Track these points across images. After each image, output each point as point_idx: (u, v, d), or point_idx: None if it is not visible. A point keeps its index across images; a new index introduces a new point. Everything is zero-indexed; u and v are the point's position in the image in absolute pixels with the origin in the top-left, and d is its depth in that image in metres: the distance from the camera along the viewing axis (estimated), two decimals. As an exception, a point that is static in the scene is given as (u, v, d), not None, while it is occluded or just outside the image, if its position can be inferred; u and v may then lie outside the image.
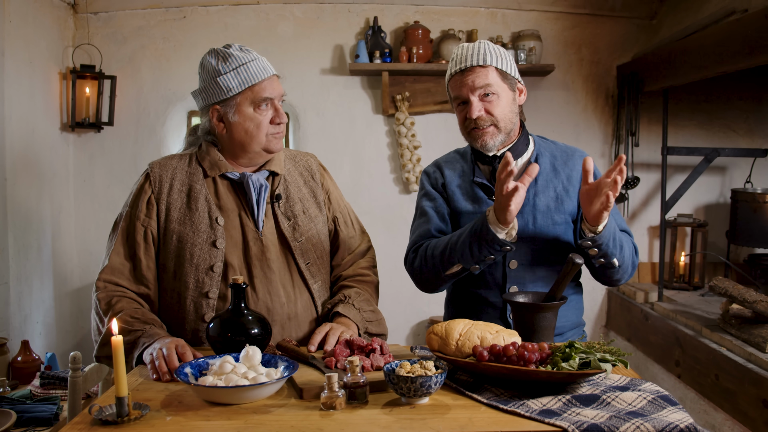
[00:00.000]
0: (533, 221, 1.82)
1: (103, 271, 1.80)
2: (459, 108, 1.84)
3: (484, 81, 1.77)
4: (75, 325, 3.85)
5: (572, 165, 1.87)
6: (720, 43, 2.89)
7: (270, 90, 1.81)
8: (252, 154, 1.84)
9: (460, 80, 1.80)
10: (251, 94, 1.79)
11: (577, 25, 3.99)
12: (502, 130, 1.81)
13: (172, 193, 1.83)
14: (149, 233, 1.81)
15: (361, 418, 1.26)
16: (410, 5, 3.93)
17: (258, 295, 1.81)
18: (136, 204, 1.83)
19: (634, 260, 1.85)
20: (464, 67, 1.78)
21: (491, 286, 1.86)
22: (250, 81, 1.78)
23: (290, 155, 2.01)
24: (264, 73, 1.80)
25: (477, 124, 1.79)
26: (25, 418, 2.39)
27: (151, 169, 1.86)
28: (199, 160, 1.87)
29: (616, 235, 1.74)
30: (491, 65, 1.79)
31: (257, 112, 1.80)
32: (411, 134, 3.89)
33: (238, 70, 1.78)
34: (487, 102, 1.79)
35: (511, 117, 1.82)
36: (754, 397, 2.54)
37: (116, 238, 1.82)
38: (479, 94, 1.78)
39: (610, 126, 4.03)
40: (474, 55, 1.78)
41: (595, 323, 4.11)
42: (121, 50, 3.85)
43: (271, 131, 1.82)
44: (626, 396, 1.32)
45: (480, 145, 1.82)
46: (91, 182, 3.89)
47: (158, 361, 1.50)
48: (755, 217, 3.56)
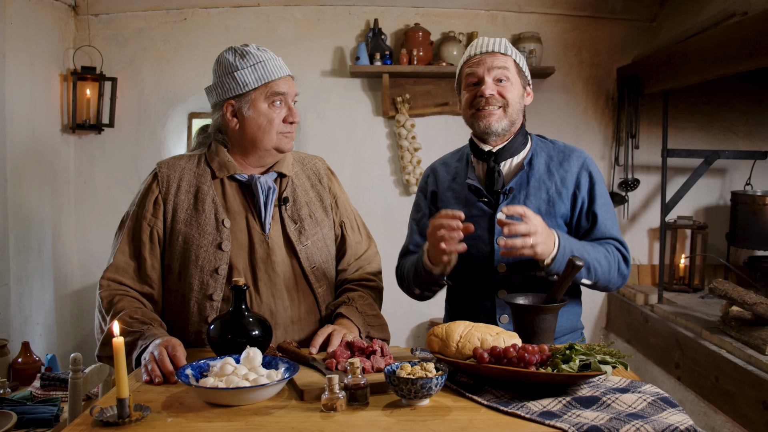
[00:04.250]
0: None
1: (107, 269, 1.80)
2: (469, 89, 1.85)
3: (503, 64, 1.82)
4: (75, 327, 3.85)
5: (567, 167, 1.86)
6: (720, 46, 2.90)
7: (285, 87, 1.83)
8: (262, 151, 1.85)
9: (478, 60, 1.83)
10: (266, 90, 1.80)
11: (578, 28, 3.99)
12: (508, 116, 1.82)
13: (180, 194, 1.83)
14: (155, 233, 1.81)
15: (361, 419, 1.26)
16: (411, 7, 3.94)
17: (262, 298, 1.81)
18: (143, 203, 1.83)
19: (622, 271, 1.82)
20: (485, 50, 1.82)
21: (481, 289, 1.87)
22: (267, 77, 1.80)
23: (298, 158, 2.01)
24: (280, 72, 1.83)
25: (488, 102, 1.80)
26: (25, 419, 2.39)
27: (159, 168, 1.87)
28: (208, 160, 1.87)
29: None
30: (511, 56, 1.84)
31: (271, 109, 1.81)
32: (411, 136, 3.89)
33: (255, 66, 1.80)
34: (501, 86, 1.82)
35: (518, 108, 1.85)
36: (754, 399, 2.54)
37: (122, 237, 1.82)
38: (495, 76, 1.81)
39: (610, 128, 4.04)
40: (497, 44, 1.84)
41: (595, 325, 4.11)
42: (121, 52, 3.86)
43: (282, 129, 1.83)
44: (626, 398, 1.32)
45: (484, 126, 1.82)
46: (91, 184, 3.89)
47: (151, 365, 1.50)
48: (755, 220, 3.56)
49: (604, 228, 1.84)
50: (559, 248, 1.68)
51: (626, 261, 1.84)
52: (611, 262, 1.79)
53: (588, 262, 1.72)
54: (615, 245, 1.83)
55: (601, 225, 1.84)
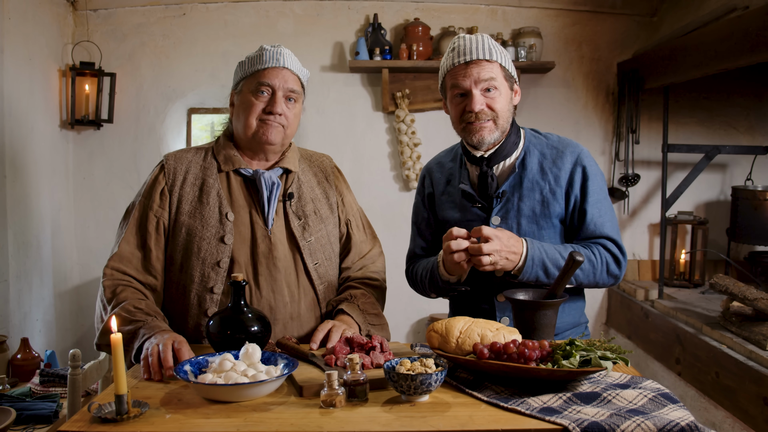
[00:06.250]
0: (517, 227, 1.80)
1: (111, 258, 1.80)
2: (456, 100, 1.79)
3: (489, 74, 1.74)
4: (75, 323, 3.85)
5: (560, 164, 1.82)
6: (721, 40, 2.89)
7: (271, 78, 1.81)
8: (249, 140, 1.85)
9: (464, 71, 1.75)
10: (253, 79, 1.83)
11: (578, 22, 3.98)
12: (499, 127, 1.78)
13: (185, 186, 1.84)
14: (161, 224, 1.82)
15: (360, 415, 1.26)
16: (410, 2, 3.92)
17: (262, 293, 1.81)
18: (149, 194, 1.84)
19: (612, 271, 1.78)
20: (469, 59, 1.74)
21: (480, 293, 1.86)
22: (256, 67, 1.83)
23: (306, 155, 2.02)
24: (271, 62, 1.82)
25: (477, 117, 1.75)
26: (24, 415, 2.39)
27: (167, 160, 1.88)
28: (215, 154, 1.89)
29: (550, 269, 1.70)
30: (497, 61, 1.76)
31: (255, 97, 1.82)
32: (411, 131, 3.88)
33: (253, 58, 1.84)
34: (489, 97, 1.76)
35: (508, 116, 1.80)
36: (755, 394, 2.53)
37: (127, 227, 1.82)
38: (482, 87, 1.75)
39: (610, 123, 4.03)
40: (480, 49, 1.75)
41: (596, 321, 4.11)
42: (120, 47, 3.85)
43: (261, 118, 1.82)
44: (627, 394, 1.32)
45: (477, 140, 1.78)
46: (90, 179, 3.88)
47: (152, 358, 1.49)
48: (756, 215, 3.55)
49: (593, 227, 1.79)
50: (527, 258, 1.68)
51: (617, 261, 1.78)
52: (596, 264, 1.75)
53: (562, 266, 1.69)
54: (604, 245, 1.78)
55: (590, 223, 1.79)
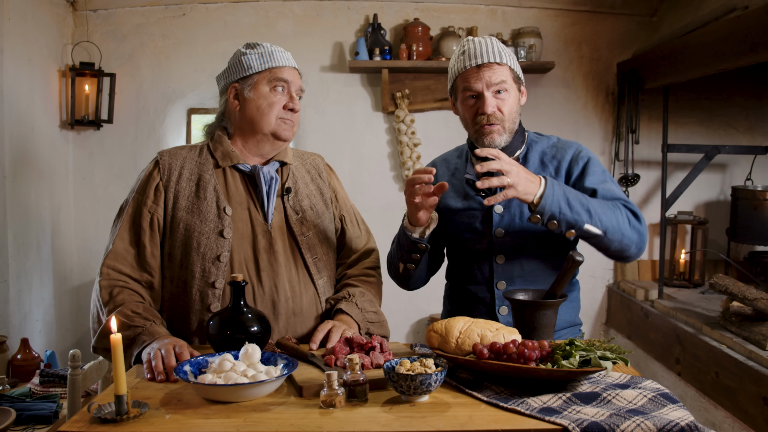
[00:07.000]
0: (519, 216, 1.82)
1: (107, 256, 1.79)
2: (469, 102, 1.83)
3: (500, 78, 1.79)
4: (75, 323, 3.85)
5: (560, 157, 1.86)
6: (721, 40, 2.89)
7: (289, 76, 1.87)
8: (260, 136, 1.86)
9: (476, 74, 1.79)
10: (269, 74, 1.85)
11: (578, 23, 3.98)
12: (507, 130, 1.82)
13: (181, 182, 1.84)
14: (155, 220, 1.81)
15: (360, 416, 1.26)
16: (410, 2, 3.92)
17: (264, 288, 1.81)
18: (143, 190, 1.83)
19: (635, 225, 1.73)
20: (481, 62, 1.79)
21: (480, 281, 1.89)
22: (272, 63, 1.85)
23: (297, 154, 2.03)
24: (286, 62, 1.88)
25: (490, 120, 1.79)
26: (24, 416, 2.39)
27: (161, 157, 1.88)
28: (212, 150, 1.89)
29: (572, 202, 1.65)
30: (506, 64, 1.81)
31: (272, 93, 1.84)
32: (411, 131, 3.88)
33: (262, 54, 1.86)
34: (500, 99, 1.80)
35: (516, 117, 1.85)
36: (755, 394, 2.53)
37: (121, 224, 1.82)
38: (493, 90, 1.79)
39: (610, 123, 4.03)
40: (491, 52, 1.80)
41: (595, 321, 4.11)
42: (120, 48, 3.85)
43: (282, 115, 1.85)
44: (627, 394, 1.32)
45: (488, 142, 1.81)
46: (90, 180, 3.88)
47: (155, 360, 1.49)
48: (755, 215, 3.55)
49: (603, 193, 1.77)
50: (546, 186, 1.65)
51: (637, 217, 1.75)
52: (618, 215, 1.71)
53: (587, 207, 1.66)
54: (621, 203, 1.76)
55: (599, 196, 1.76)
